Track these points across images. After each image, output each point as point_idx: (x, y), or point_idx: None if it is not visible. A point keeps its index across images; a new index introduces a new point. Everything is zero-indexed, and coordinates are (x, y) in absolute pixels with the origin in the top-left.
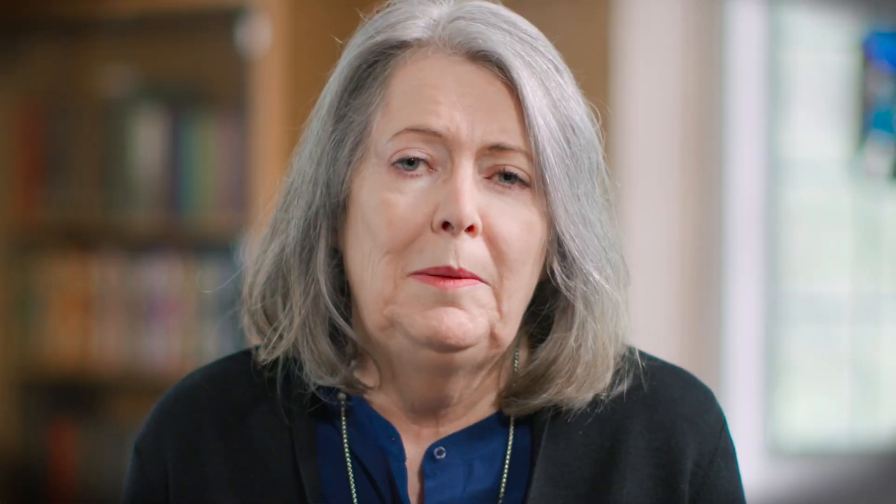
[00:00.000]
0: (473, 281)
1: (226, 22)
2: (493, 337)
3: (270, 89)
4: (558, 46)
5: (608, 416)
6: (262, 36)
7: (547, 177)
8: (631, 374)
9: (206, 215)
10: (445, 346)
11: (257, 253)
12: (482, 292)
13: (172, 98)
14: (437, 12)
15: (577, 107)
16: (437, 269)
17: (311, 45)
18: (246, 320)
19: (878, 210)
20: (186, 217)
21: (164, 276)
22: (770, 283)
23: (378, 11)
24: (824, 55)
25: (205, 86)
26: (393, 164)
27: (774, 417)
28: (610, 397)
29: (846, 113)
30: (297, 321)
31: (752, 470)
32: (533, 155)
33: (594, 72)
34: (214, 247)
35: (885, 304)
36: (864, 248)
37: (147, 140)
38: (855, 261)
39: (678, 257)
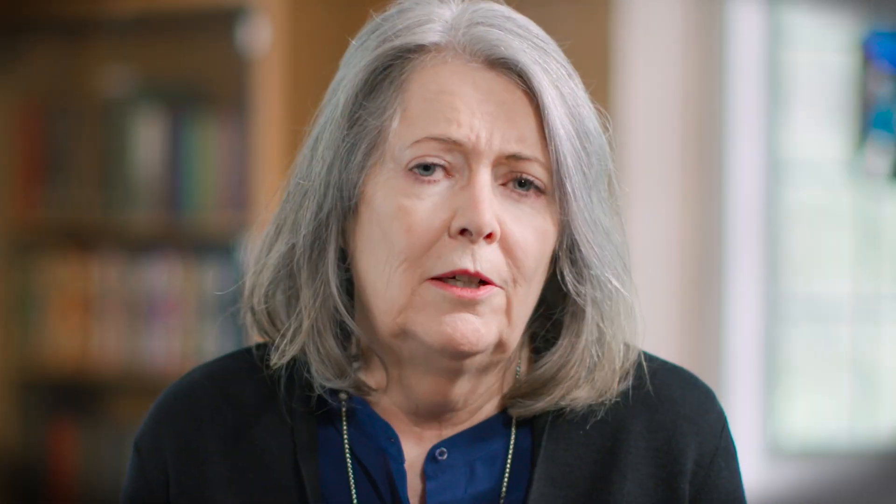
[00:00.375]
0: (490, 288)
1: (226, 22)
2: (499, 343)
3: (270, 89)
4: (559, 47)
5: (609, 417)
6: (262, 36)
7: (568, 186)
8: (632, 375)
9: (206, 215)
10: (459, 353)
11: (260, 251)
12: (497, 298)
13: (172, 98)
14: (448, 14)
15: (588, 112)
16: (453, 272)
17: (311, 45)
18: (248, 318)
19: (878, 210)
20: (186, 217)
21: (164, 276)
22: (770, 283)
23: (386, 10)
24: (824, 55)
25: (205, 86)
26: (410, 169)
27: (774, 417)
28: (612, 398)
29: (846, 113)
30: (306, 323)
31: (752, 470)
32: (553, 165)
33: (594, 72)
34: (214, 247)
35: (885, 304)
36: (864, 248)
37: (147, 140)
38: (855, 261)
39: (678, 257)
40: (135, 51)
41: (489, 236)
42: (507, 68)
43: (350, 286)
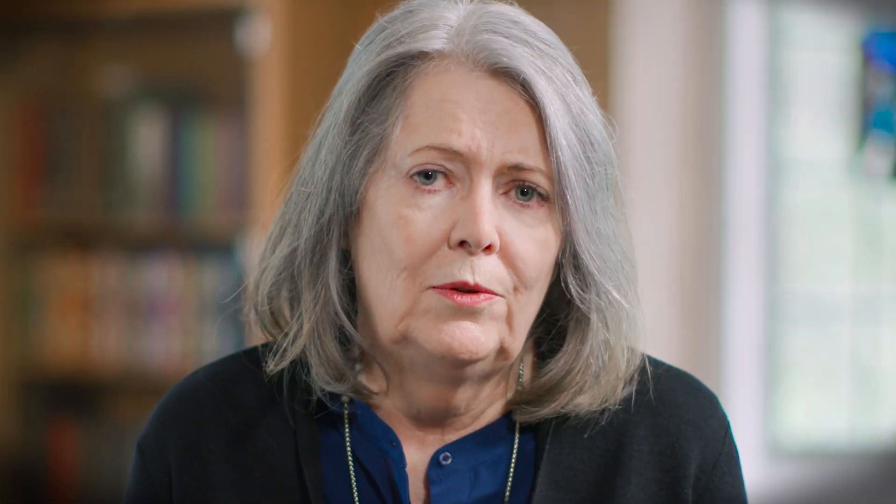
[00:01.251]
0: (490, 296)
1: (226, 22)
2: (501, 350)
3: (270, 89)
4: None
5: (613, 421)
6: (262, 36)
7: (568, 197)
8: (636, 380)
9: (206, 215)
10: (458, 362)
11: (264, 251)
12: (497, 306)
13: (172, 98)
14: (454, 17)
15: (594, 119)
16: (452, 284)
17: (311, 45)
18: (252, 315)
19: (878, 210)
20: (186, 217)
21: (164, 276)
22: (770, 283)
23: (390, 11)
24: (824, 55)
25: (205, 86)
26: (410, 176)
27: (774, 417)
28: (616, 404)
29: (846, 113)
30: (306, 327)
31: (752, 470)
32: (553, 175)
33: (594, 72)
34: (214, 247)
35: (885, 304)
36: (864, 248)
37: (147, 140)
38: (855, 261)
39: (678, 257)
40: (135, 51)
41: (488, 248)
42: (510, 77)
43: (353, 286)
